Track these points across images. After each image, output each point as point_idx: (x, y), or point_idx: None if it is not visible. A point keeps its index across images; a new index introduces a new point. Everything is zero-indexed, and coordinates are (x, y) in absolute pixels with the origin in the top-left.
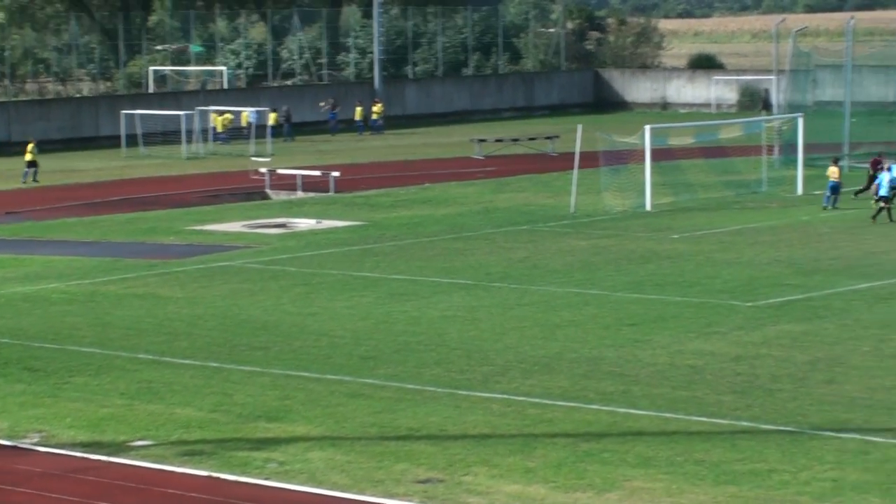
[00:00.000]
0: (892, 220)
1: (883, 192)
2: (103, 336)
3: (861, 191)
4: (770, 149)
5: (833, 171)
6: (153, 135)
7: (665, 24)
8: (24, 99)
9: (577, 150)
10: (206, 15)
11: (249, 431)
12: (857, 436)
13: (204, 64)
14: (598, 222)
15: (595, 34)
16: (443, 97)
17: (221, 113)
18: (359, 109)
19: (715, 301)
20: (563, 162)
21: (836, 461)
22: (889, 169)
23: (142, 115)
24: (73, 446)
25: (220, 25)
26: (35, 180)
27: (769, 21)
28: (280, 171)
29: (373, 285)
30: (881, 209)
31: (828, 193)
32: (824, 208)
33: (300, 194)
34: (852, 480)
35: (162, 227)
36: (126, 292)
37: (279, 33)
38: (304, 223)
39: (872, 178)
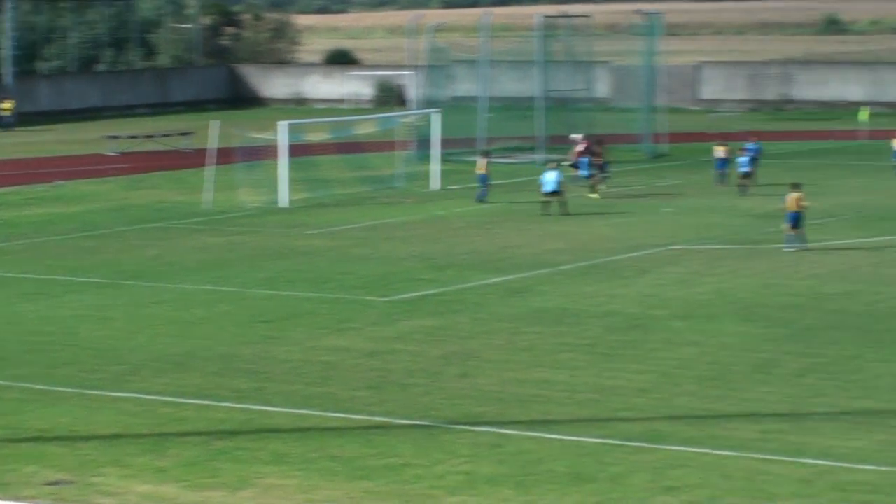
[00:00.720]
0: (549, 214)
1: (550, 188)
2: None
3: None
4: (406, 144)
5: (481, 165)
6: None
7: (301, 20)
8: None
9: (213, 146)
10: None
11: None
12: (491, 429)
13: None
14: (234, 219)
15: (231, 30)
16: (76, 93)
17: None
18: None
19: (350, 297)
20: (198, 158)
21: (469, 454)
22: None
23: None
24: None
25: None
26: None
27: (406, 16)
28: None
29: (2, 285)
30: (546, 203)
31: (481, 187)
32: (480, 201)
33: None
34: (486, 473)
35: None
36: None
37: None
38: None
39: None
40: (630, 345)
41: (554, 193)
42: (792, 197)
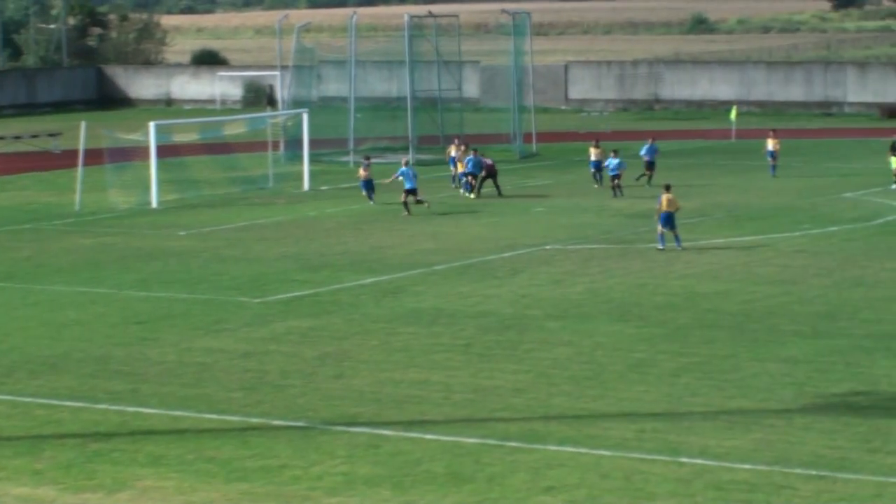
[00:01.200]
0: (409, 213)
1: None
2: None
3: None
4: (276, 144)
5: (363, 171)
6: None
7: (168, 20)
8: None
9: (82, 147)
10: None
11: None
12: (367, 430)
13: None
14: (104, 220)
15: (97, 30)
16: None
17: None
18: None
19: (223, 298)
20: (67, 159)
21: (347, 455)
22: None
23: None
24: None
25: None
26: None
27: (273, 17)
28: None
29: None
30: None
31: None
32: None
33: None
34: (363, 474)
35: None
36: None
37: None
38: None
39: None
40: (506, 345)
41: (412, 191)
42: (665, 198)
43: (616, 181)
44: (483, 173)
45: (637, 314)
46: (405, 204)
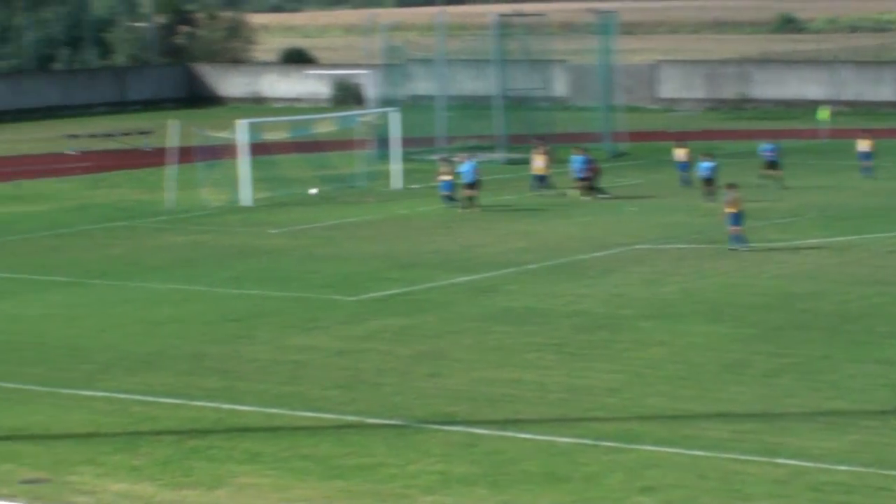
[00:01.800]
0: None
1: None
2: None
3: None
4: (365, 143)
5: (446, 170)
6: None
7: (256, 19)
8: None
9: (173, 145)
10: None
11: None
12: (463, 428)
13: None
14: (196, 218)
15: (185, 28)
16: (32, 92)
17: None
18: None
19: (317, 296)
20: (158, 157)
21: (442, 454)
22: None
23: None
24: None
25: None
26: None
27: (361, 15)
28: None
29: None
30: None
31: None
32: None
33: None
34: (459, 473)
35: None
36: None
37: None
38: None
39: None
40: (599, 344)
41: (471, 185)
42: (730, 197)
43: (709, 185)
44: (590, 173)
45: (731, 314)
46: (469, 199)
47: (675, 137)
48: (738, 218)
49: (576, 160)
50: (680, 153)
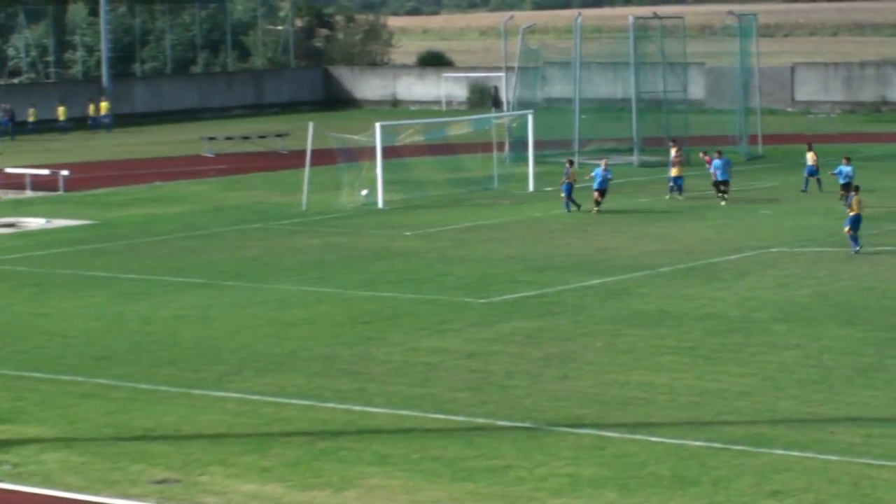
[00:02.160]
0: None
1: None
2: None
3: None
4: (500, 146)
5: (571, 173)
6: None
7: (393, 22)
8: None
9: (309, 147)
10: None
11: None
12: (592, 431)
13: None
14: (330, 220)
15: (324, 31)
16: (172, 95)
17: None
18: (92, 107)
19: (448, 298)
20: (294, 159)
21: (571, 457)
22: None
23: None
24: None
25: None
26: None
27: (498, 18)
28: (8, 171)
29: (105, 285)
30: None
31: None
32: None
33: (29, 193)
34: (588, 476)
35: None
36: None
37: (5, 31)
38: (34, 222)
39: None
40: (731, 347)
41: (601, 191)
42: (856, 199)
43: (848, 190)
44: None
45: (865, 318)
46: (596, 202)
47: (806, 141)
48: (857, 221)
49: (716, 163)
50: (811, 157)
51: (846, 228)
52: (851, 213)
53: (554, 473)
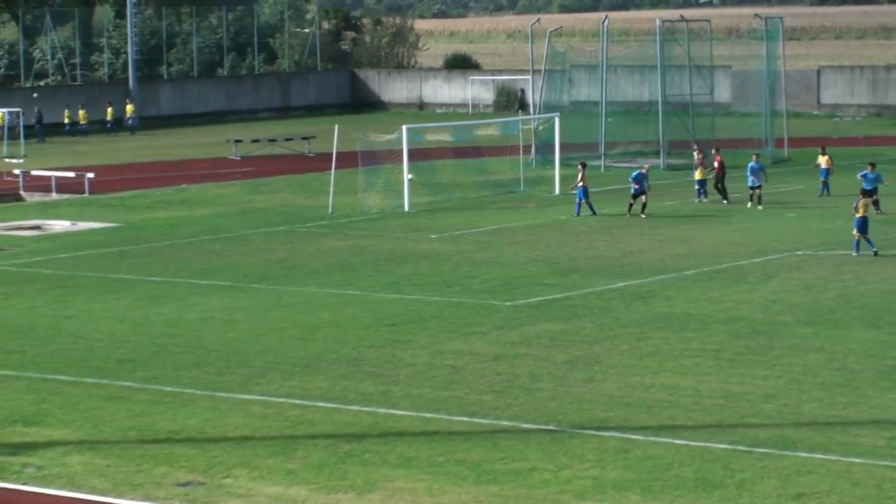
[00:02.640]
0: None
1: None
2: None
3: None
4: (527, 149)
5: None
6: None
7: (420, 24)
8: None
9: (335, 150)
10: None
11: (6, 436)
12: (617, 434)
13: None
14: (357, 223)
15: (350, 34)
16: (198, 97)
17: None
18: (110, 110)
19: (474, 301)
20: (320, 162)
21: (596, 459)
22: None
23: None
24: None
25: None
26: None
27: (524, 21)
28: (34, 173)
29: (130, 287)
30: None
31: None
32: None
33: (55, 196)
34: (613, 478)
35: None
36: None
37: (31, 33)
38: (60, 225)
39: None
40: (756, 350)
41: (635, 195)
42: (863, 202)
43: (874, 196)
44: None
45: (890, 321)
46: (630, 205)
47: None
48: (864, 224)
49: (751, 167)
50: (823, 160)
51: (854, 231)
52: (858, 216)
53: (578, 476)
